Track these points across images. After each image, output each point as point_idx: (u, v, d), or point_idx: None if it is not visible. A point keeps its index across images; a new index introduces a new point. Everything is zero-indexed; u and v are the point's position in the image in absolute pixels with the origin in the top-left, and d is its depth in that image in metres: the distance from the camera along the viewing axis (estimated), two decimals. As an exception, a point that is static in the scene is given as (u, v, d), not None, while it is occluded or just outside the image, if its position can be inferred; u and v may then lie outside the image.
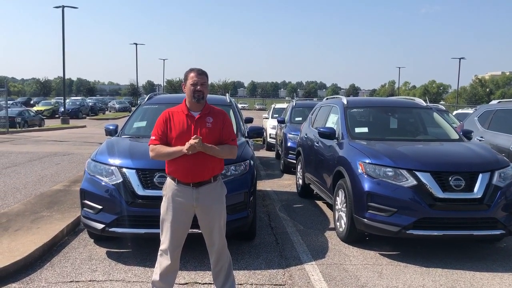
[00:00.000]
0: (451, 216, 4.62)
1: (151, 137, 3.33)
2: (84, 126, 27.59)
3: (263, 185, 8.75)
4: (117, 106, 51.32)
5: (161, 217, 3.36)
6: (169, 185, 3.33)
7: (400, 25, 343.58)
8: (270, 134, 14.99)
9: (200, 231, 3.41)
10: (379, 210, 4.73)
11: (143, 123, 6.20)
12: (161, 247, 3.35)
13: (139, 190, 4.41)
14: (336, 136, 6.07)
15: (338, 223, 5.53)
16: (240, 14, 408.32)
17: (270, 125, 15.14)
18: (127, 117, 6.51)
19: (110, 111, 51.08)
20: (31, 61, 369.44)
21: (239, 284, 4.00)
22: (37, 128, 25.80)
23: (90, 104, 46.32)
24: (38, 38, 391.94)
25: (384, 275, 4.32)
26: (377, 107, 7.03)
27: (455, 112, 18.91)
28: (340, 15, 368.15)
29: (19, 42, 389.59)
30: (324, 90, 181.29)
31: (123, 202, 4.42)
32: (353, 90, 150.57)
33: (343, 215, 5.32)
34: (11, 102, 35.14)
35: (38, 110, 35.37)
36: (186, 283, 4.01)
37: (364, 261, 4.69)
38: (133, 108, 38.63)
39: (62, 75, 33.43)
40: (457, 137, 6.09)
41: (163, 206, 3.34)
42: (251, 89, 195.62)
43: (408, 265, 4.60)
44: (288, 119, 12.02)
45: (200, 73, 3.31)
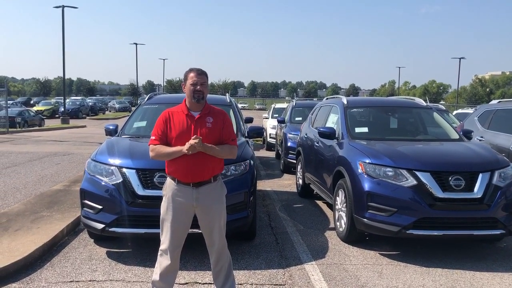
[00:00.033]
0: (451, 216, 4.62)
1: (151, 137, 3.33)
2: (84, 126, 27.60)
3: (263, 185, 8.75)
4: (117, 106, 51.34)
5: (161, 217, 3.36)
6: (169, 185, 3.33)
7: (400, 25, 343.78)
8: (270, 134, 14.99)
9: (200, 231, 3.41)
10: (379, 210, 4.73)
11: (143, 123, 6.20)
12: (161, 247, 3.35)
13: (139, 190, 4.41)
14: (336, 136, 6.07)
15: (338, 223, 5.53)
16: (240, 14, 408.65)
17: (270, 125, 15.14)
18: (127, 117, 6.51)
19: (110, 111, 51.09)
20: (31, 61, 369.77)
21: (239, 284, 4.00)
22: (37, 128, 25.80)
23: (90, 104, 46.34)
24: (38, 38, 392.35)
25: (384, 275, 4.32)
26: (377, 107, 7.03)
27: (455, 112, 18.91)
28: (340, 15, 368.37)
29: (19, 42, 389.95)
30: (324, 90, 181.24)
31: (123, 202, 4.42)
32: (353, 90, 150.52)
33: (343, 215, 5.32)
34: (11, 102, 35.12)
35: (38, 110, 35.36)
36: (186, 283, 4.01)
37: (364, 261, 4.69)
38: (133, 108, 38.62)
39: (62, 75, 33.46)
40: (457, 137, 6.09)
41: (163, 206, 3.34)
42: (251, 89, 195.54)
43: (408, 265, 4.60)
44: (288, 119, 12.02)
45: (200, 73, 3.31)
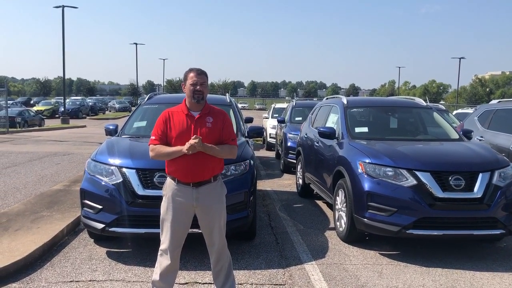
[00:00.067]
0: (451, 216, 4.62)
1: (151, 137, 3.33)
2: (84, 126, 27.59)
3: (263, 184, 8.75)
4: (117, 106, 51.33)
5: (161, 217, 3.36)
6: (169, 185, 3.33)
7: (400, 25, 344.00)
8: (270, 134, 14.99)
9: (200, 231, 3.41)
10: (379, 209, 4.73)
11: (143, 123, 6.20)
12: (161, 247, 3.35)
13: (139, 190, 4.41)
14: (336, 135, 6.07)
15: (338, 223, 5.53)
16: (240, 14, 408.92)
17: (270, 125, 15.14)
18: (127, 117, 6.51)
19: (110, 111, 51.08)
20: (31, 61, 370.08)
21: (239, 283, 4.00)
22: (37, 128, 25.79)
23: (90, 104, 46.33)
24: (38, 38, 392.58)
25: (384, 275, 4.32)
26: (377, 107, 7.02)
27: (455, 112, 18.90)
28: (340, 15, 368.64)
29: (19, 42, 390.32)
30: (324, 90, 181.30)
31: (123, 202, 4.42)
32: (353, 90, 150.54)
33: (343, 214, 5.32)
34: (11, 102, 35.12)
35: (38, 110, 35.33)
36: (186, 283, 4.01)
37: (364, 261, 4.69)
38: (133, 108, 38.62)
39: (62, 75, 33.47)
40: (457, 136, 6.09)
41: (163, 206, 3.34)
42: (251, 89, 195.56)
43: (408, 264, 4.60)
44: (288, 119, 12.02)
45: (200, 73, 3.30)
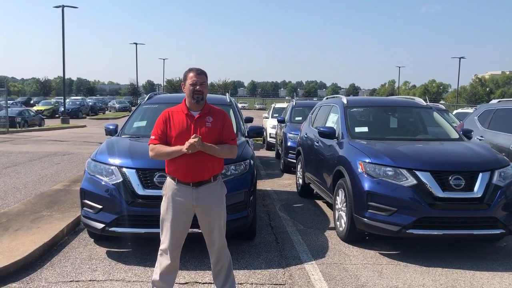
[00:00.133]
0: (451, 216, 4.62)
1: (151, 136, 3.33)
2: (84, 126, 27.60)
3: (263, 184, 8.75)
4: (117, 105, 51.31)
5: (161, 217, 3.35)
6: (169, 185, 3.33)
7: (400, 25, 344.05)
8: (270, 134, 14.98)
9: (200, 231, 3.41)
10: (379, 209, 4.73)
11: (143, 123, 6.20)
12: (161, 247, 3.35)
13: (139, 190, 4.41)
14: (336, 135, 6.07)
15: (338, 223, 5.53)
16: (240, 14, 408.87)
17: (270, 125, 15.14)
18: (127, 117, 6.51)
19: (110, 111, 51.07)
20: (31, 61, 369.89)
21: (239, 283, 4.00)
22: (37, 128, 25.79)
23: (90, 103, 46.33)
24: (38, 38, 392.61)
25: (384, 275, 4.32)
26: (377, 107, 7.02)
27: (455, 112, 18.89)
28: (340, 15, 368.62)
29: (19, 42, 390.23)
30: (324, 89, 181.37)
31: (123, 201, 4.42)
32: (353, 90, 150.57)
33: (343, 214, 5.32)
34: (11, 102, 35.11)
35: (38, 110, 35.32)
36: (186, 283, 4.01)
37: (364, 261, 4.69)
38: (133, 108, 38.61)
39: (62, 75, 33.45)
40: (457, 136, 6.09)
41: (163, 205, 3.34)
42: (251, 89, 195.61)
43: (408, 264, 4.60)
44: (288, 118, 12.01)
45: (199, 72, 3.30)
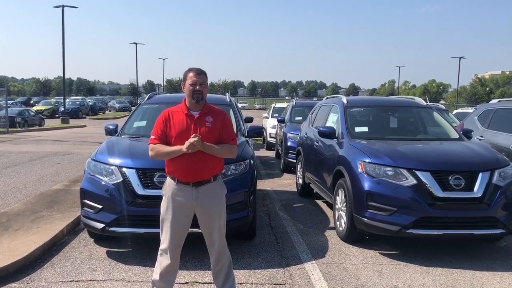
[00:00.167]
0: (451, 215, 4.62)
1: (151, 136, 3.33)
2: (84, 126, 27.60)
3: (263, 184, 8.75)
4: (117, 105, 51.29)
5: (161, 217, 3.35)
6: (169, 185, 3.33)
7: (400, 25, 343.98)
8: (270, 134, 14.99)
9: (200, 231, 3.41)
10: (379, 209, 4.73)
11: (143, 123, 6.20)
12: (161, 247, 3.35)
13: (139, 190, 4.41)
14: (336, 135, 6.07)
15: (338, 223, 5.53)
16: (240, 14, 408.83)
17: (270, 125, 15.14)
18: (127, 117, 6.51)
19: (110, 111, 51.06)
20: (31, 61, 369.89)
21: (239, 283, 4.00)
22: (37, 127, 25.78)
23: (90, 103, 46.33)
24: (38, 38, 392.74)
25: (384, 274, 4.32)
26: (377, 107, 7.02)
27: (455, 111, 18.88)
28: (340, 15, 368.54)
29: (19, 42, 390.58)
30: (324, 89, 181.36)
31: (123, 201, 4.42)
32: (353, 90, 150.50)
33: (343, 214, 5.32)
34: (11, 101, 35.11)
35: (38, 110, 35.29)
36: (186, 283, 4.01)
37: (364, 261, 4.69)
38: (133, 108, 38.60)
39: (62, 75, 33.45)
40: (457, 136, 6.09)
41: (163, 205, 3.34)
42: (251, 89, 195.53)
43: (408, 264, 4.60)
44: (288, 118, 12.01)
45: (199, 72, 3.30)
